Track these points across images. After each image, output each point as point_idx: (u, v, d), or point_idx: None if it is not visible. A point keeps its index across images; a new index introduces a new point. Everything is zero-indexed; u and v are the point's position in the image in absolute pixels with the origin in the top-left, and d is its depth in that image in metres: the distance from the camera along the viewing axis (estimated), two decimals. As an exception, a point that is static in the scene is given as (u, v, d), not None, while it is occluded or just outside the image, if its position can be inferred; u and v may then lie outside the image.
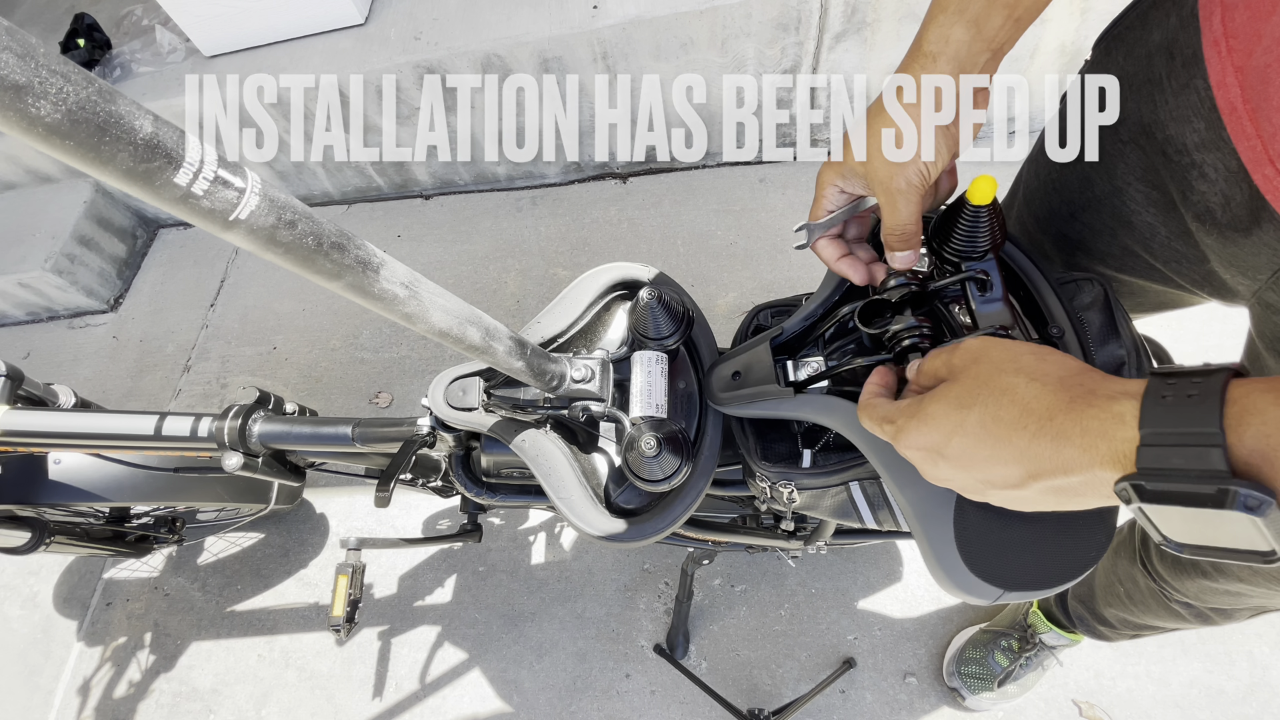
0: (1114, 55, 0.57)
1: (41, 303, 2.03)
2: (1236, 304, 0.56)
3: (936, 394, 0.39)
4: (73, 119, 0.21)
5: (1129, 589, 0.84)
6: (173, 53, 1.80)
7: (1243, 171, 0.45)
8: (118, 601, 1.54)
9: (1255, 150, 0.42)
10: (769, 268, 1.67)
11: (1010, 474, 0.35)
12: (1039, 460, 0.34)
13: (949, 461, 0.38)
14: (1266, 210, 0.45)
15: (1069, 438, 0.33)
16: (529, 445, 0.63)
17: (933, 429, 0.39)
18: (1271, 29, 0.40)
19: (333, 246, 0.32)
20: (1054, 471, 0.33)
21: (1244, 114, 0.43)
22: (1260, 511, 0.27)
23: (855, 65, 1.57)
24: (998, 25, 0.44)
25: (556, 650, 1.33)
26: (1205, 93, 0.46)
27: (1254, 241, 0.47)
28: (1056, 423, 0.33)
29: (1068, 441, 0.33)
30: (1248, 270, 0.50)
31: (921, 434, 0.39)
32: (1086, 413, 0.32)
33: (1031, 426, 0.34)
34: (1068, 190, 0.63)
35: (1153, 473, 0.29)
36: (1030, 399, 0.34)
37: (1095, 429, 0.32)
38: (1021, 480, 0.35)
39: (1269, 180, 0.42)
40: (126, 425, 0.84)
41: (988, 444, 0.36)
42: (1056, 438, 0.33)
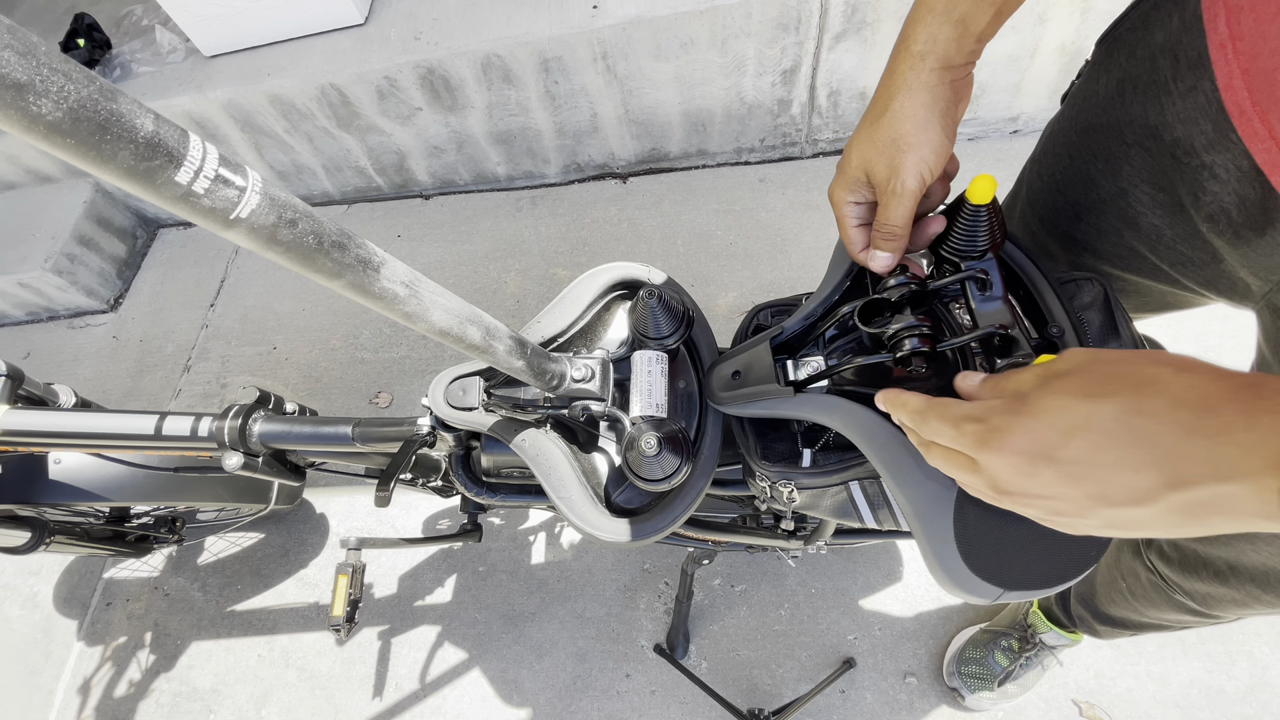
0: (1116, 56, 0.57)
1: (41, 303, 2.03)
2: (1245, 306, 0.56)
3: (1049, 387, 0.33)
4: (74, 117, 0.21)
5: (1131, 584, 0.84)
6: (173, 53, 1.80)
7: (1255, 171, 0.45)
8: (118, 601, 1.54)
9: (1270, 152, 0.42)
10: (769, 268, 1.67)
11: (1141, 483, 0.30)
12: (1188, 462, 0.28)
13: (1059, 469, 0.32)
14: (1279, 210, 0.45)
15: (1232, 434, 0.27)
16: (529, 445, 0.63)
17: (1049, 424, 0.32)
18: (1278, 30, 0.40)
19: (333, 245, 0.32)
20: (1205, 477, 0.28)
21: (1254, 115, 0.43)
22: None
23: (855, 65, 1.57)
24: (984, 22, 0.45)
25: (556, 650, 1.33)
26: (1212, 94, 0.46)
27: (1267, 242, 0.47)
28: (1220, 416, 0.28)
29: (1230, 439, 0.27)
30: (1259, 271, 0.50)
31: (1030, 433, 0.33)
32: (1257, 404, 0.27)
33: (1186, 420, 0.28)
34: (1072, 191, 0.63)
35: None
36: (1182, 389, 0.29)
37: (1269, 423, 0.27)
38: (1154, 491, 0.30)
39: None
40: (126, 425, 0.84)
41: (1121, 442, 0.30)
42: (1216, 434, 0.28)
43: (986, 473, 0.35)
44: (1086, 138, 0.60)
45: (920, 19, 0.46)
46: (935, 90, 0.47)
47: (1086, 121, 0.60)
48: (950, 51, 0.46)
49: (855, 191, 0.51)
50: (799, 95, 1.64)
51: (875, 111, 0.49)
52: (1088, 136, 0.60)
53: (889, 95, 0.48)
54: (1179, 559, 0.74)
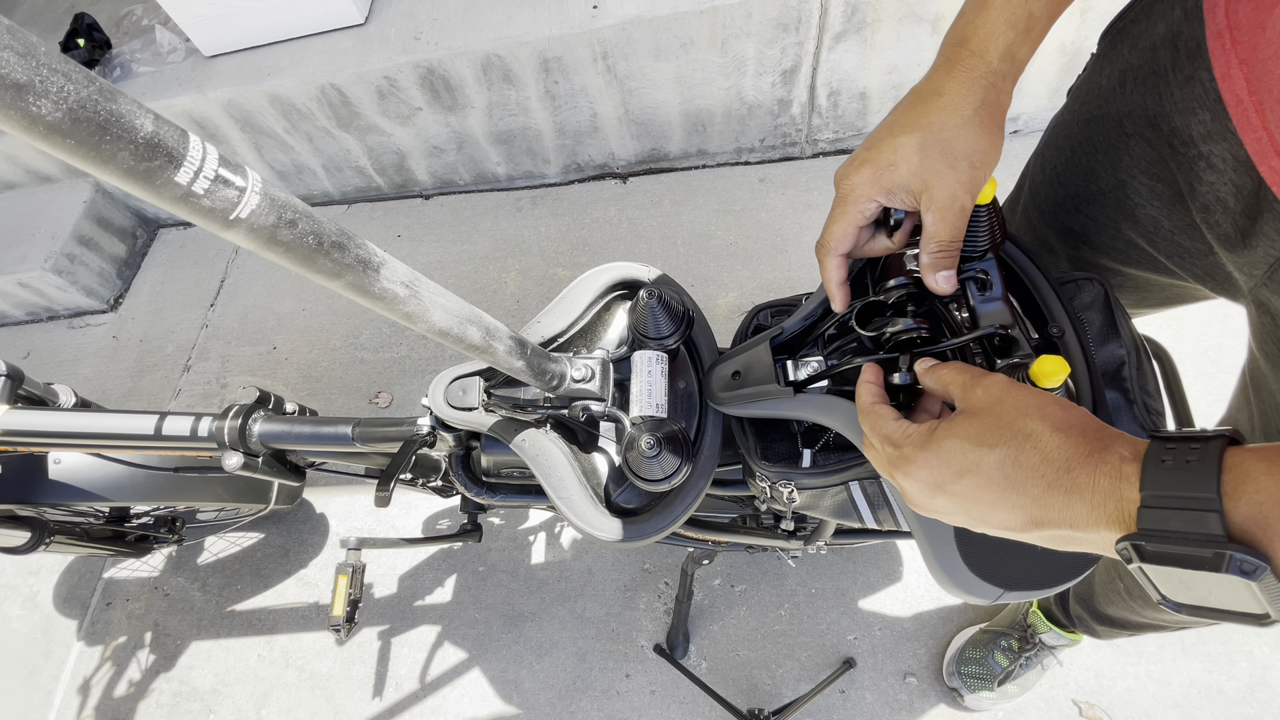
0: (1119, 48, 0.57)
1: (41, 303, 2.03)
2: (1238, 300, 0.56)
3: (952, 428, 0.38)
4: (74, 118, 0.21)
5: (1129, 584, 0.84)
6: (173, 53, 1.80)
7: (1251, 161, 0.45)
8: (118, 601, 1.54)
9: (1261, 142, 0.42)
10: (769, 268, 1.67)
11: (1013, 519, 0.36)
12: (1048, 510, 0.34)
13: (949, 498, 0.38)
14: (1267, 202, 0.45)
15: (1081, 493, 0.33)
16: (529, 445, 0.63)
17: (944, 465, 0.37)
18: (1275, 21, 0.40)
19: (333, 245, 0.32)
20: (1060, 523, 0.34)
21: (1249, 105, 0.43)
22: (1255, 576, 0.28)
23: (855, 65, 1.57)
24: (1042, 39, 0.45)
25: (556, 650, 1.33)
26: (1210, 84, 0.46)
27: (1254, 234, 0.47)
28: (1073, 475, 0.33)
29: (1079, 497, 0.33)
30: (1244, 266, 0.50)
31: (929, 468, 0.38)
32: (1099, 469, 0.33)
33: (1049, 476, 0.34)
34: (1072, 183, 0.63)
35: (1153, 534, 0.30)
36: (1053, 449, 0.34)
37: (1105, 487, 0.32)
38: (1023, 526, 0.35)
39: (1275, 172, 0.42)
40: (126, 425, 0.84)
41: (999, 488, 0.35)
42: (1070, 491, 0.33)
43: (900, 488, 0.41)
44: (1088, 129, 0.61)
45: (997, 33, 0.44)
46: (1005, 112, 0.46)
47: (1088, 113, 0.60)
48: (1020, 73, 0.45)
49: (893, 195, 0.46)
50: (799, 95, 1.64)
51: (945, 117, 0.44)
52: (1089, 128, 0.60)
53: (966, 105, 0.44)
54: None
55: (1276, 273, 0.48)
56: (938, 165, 0.44)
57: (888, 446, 0.41)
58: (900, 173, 0.45)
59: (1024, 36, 0.44)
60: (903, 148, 0.45)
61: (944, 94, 0.45)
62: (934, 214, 0.45)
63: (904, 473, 0.39)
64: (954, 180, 0.44)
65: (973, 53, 0.44)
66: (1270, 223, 0.45)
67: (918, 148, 0.44)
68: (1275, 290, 0.49)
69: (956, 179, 0.44)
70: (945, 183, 0.44)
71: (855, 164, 0.47)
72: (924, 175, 0.44)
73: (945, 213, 0.44)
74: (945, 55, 0.46)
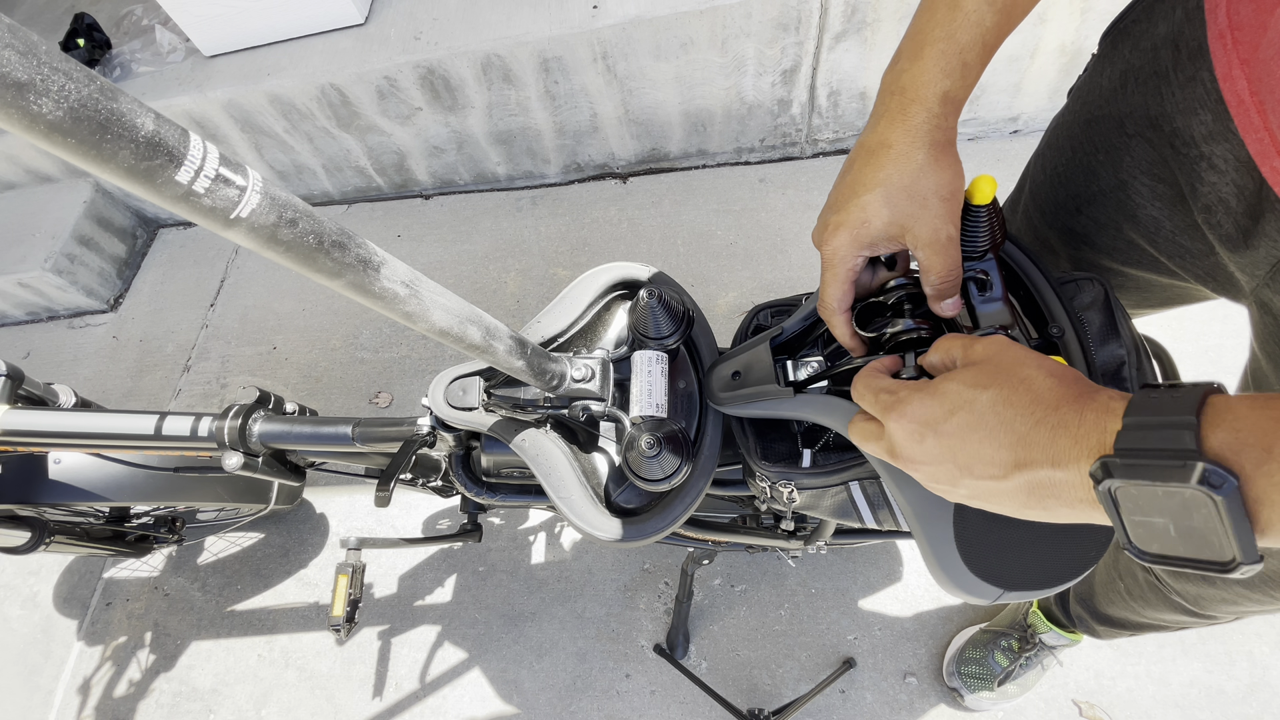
0: (1120, 49, 0.57)
1: (41, 303, 2.03)
2: (1240, 301, 0.56)
3: (951, 375, 0.39)
4: (74, 116, 0.21)
5: (1129, 584, 0.84)
6: (173, 53, 1.80)
7: (1252, 162, 0.45)
8: (118, 601, 1.54)
9: (1263, 142, 0.42)
10: (769, 268, 1.67)
11: (997, 459, 0.36)
12: (1032, 447, 0.34)
13: (938, 439, 0.38)
14: (1269, 202, 0.45)
15: (1067, 427, 0.33)
16: (529, 445, 0.63)
17: (938, 402, 0.38)
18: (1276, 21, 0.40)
19: (334, 245, 0.32)
20: (1043, 461, 0.34)
21: (1251, 106, 0.43)
22: (1222, 491, 0.27)
23: (855, 65, 1.57)
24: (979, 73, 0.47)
25: (556, 650, 1.33)
26: (1211, 85, 0.46)
27: (1256, 235, 0.47)
28: (1060, 413, 0.34)
29: (1065, 431, 0.33)
30: (1246, 267, 0.50)
31: (924, 405, 0.39)
32: (1087, 406, 0.34)
33: (1037, 413, 0.35)
34: (1073, 184, 0.63)
35: (1127, 452, 0.31)
36: (1044, 390, 0.35)
37: (1090, 420, 0.33)
38: (1006, 469, 0.35)
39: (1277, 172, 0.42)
40: (126, 425, 0.84)
41: (988, 424, 0.36)
42: (1056, 427, 0.34)
43: (888, 437, 0.41)
44: (1089, 129, 0.61)
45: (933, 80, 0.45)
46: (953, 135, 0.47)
47: (1089, 113, 0.60)
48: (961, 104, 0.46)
49: (875, 248, 0.48)
50: (799, 95, 1.64)
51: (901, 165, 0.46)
52: (1090, 128, 0.60)
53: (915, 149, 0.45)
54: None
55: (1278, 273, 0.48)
56: (909, 209, 0.46)
57: (883, 395, 0.42)
58: (875, 227, 0.47)
59: (960, 81, 0.45)
60: (870, 205, 0.46)
61: (892, 146, 0.46)
62: (923, 251, 0.46)
63: (898, 413, 0.40)
64: (930, 217, 0.45)
65: (912, 100, 0.45)
66: (1272, 223, 0.45)
67: (884, 201, 0.46)
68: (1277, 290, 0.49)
69: (932, 215, 0.45)
70: (922, 222, 0.45)
71: (831, 229, 0.48)
72: (900, 222, 0.46)
73: (933, 248, 0.46)
74: (886, 105, 0.47)
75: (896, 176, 0.46)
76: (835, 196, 0.49)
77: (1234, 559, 0.29)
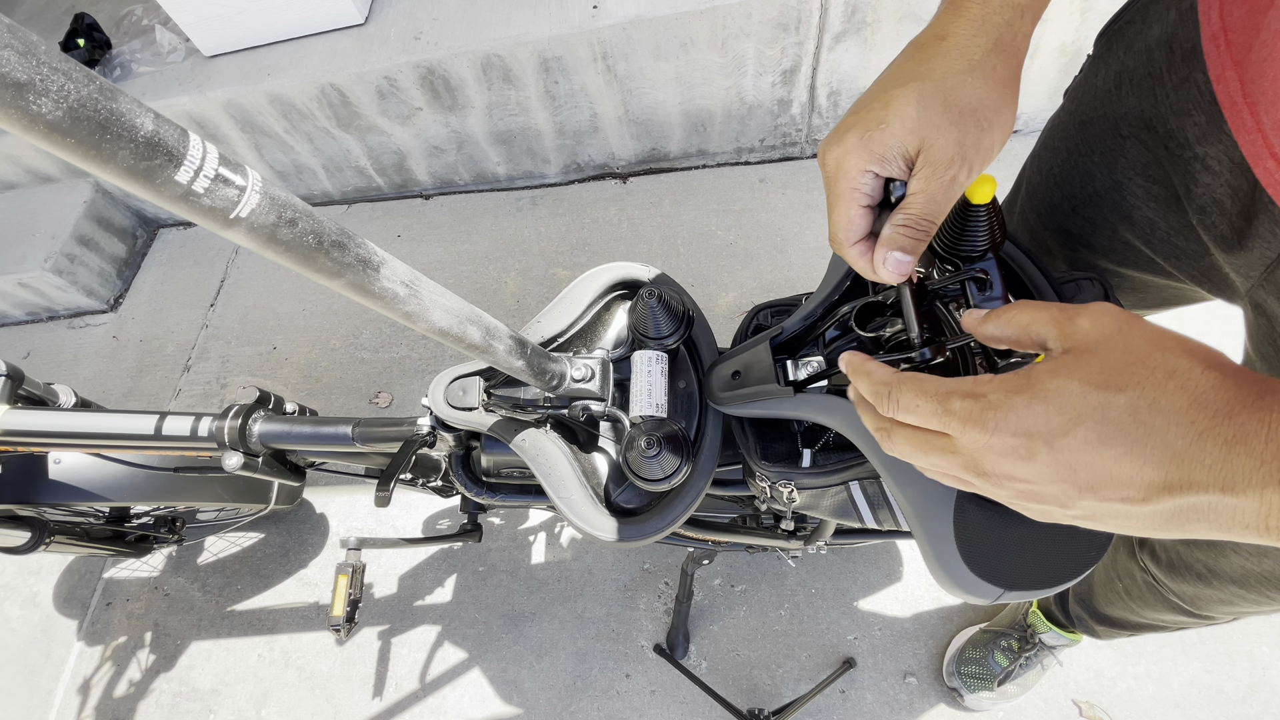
0: (1115, 50, 0.57)
1: (41, 303, 2.03)
2: (1235, 302, 0.56)
3: (1060, 368, 0.30)
4: (74, 117, 0.21)
5: (1127, 584, 0.84)
6: (173, 53, 1.80)
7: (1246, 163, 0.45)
8: (118, 601, 1.54)
9: (1256, 144, 0.42)
10: (769, 267, 1.67)
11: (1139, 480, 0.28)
12: (1195, 468, 0.26)
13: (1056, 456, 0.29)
14: (1262, 203, 0.45)
15: (1248, 443, 0.25)
16: (529, 445, 0.63)
17: (1054, 410, 0.29)
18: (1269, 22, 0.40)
19: (333, 245, 0.32)
20: (1210, 485, 0.26)
21: (1244, 107, 0.43)
22: None
23: (855, 65, 1.57)
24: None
25: (556, 650, 1.33)
26: (1205, 86, 0.46)
27: (1250, 236, 0.47)
28: (1237, 421, 0.26)
29: (1243, 448, 0.26)
30: (1241, 268, 0.50)
31: (1033, 415, 0.30)
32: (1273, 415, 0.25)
33: (1201, 423, 0.27)
34: (1069, 185, 0.63)
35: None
36: (1206, 389, 0.27)
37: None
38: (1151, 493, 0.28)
39: (1270, 174, 0.42)
40: (126, 425, 0.84)
41: (1128, 439, 0.28)
42: (1231, 442, 0.26)
43: (967, 453, 0.32)
44: (1084, 131, 0.61)
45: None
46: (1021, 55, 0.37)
47: (1084, 115, 0.61)
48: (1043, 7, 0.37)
49: (886, 163, 0.38)
50: (799, 95, 1.64)
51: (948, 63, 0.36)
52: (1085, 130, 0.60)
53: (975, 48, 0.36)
54: (1167, 560, 0.74)
55: (1273, 274, 0.48)
56: (938, 120, 0.36)
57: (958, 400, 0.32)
58: (892, 131, 0.37)
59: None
60: (896, 101, 0.36)
61: (948, 37, 0.37)
62: (920, 178, 0.37)
63: (995, 426, 0.30)
64: (954, 140, 0.36)
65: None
66: (1266, 224, 0.45)
67: (915, 100, 0.36)
68: (1271, 292, 0.49)
69: (958, 139, 0.36)
70: (944, 142, 0.36)
71: (839, 131, 0.39)
72: (921, 132, 0.36)
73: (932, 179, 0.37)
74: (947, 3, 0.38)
75: (940, 73, 0.36)
76: (863, 96, 0.39)
77: None
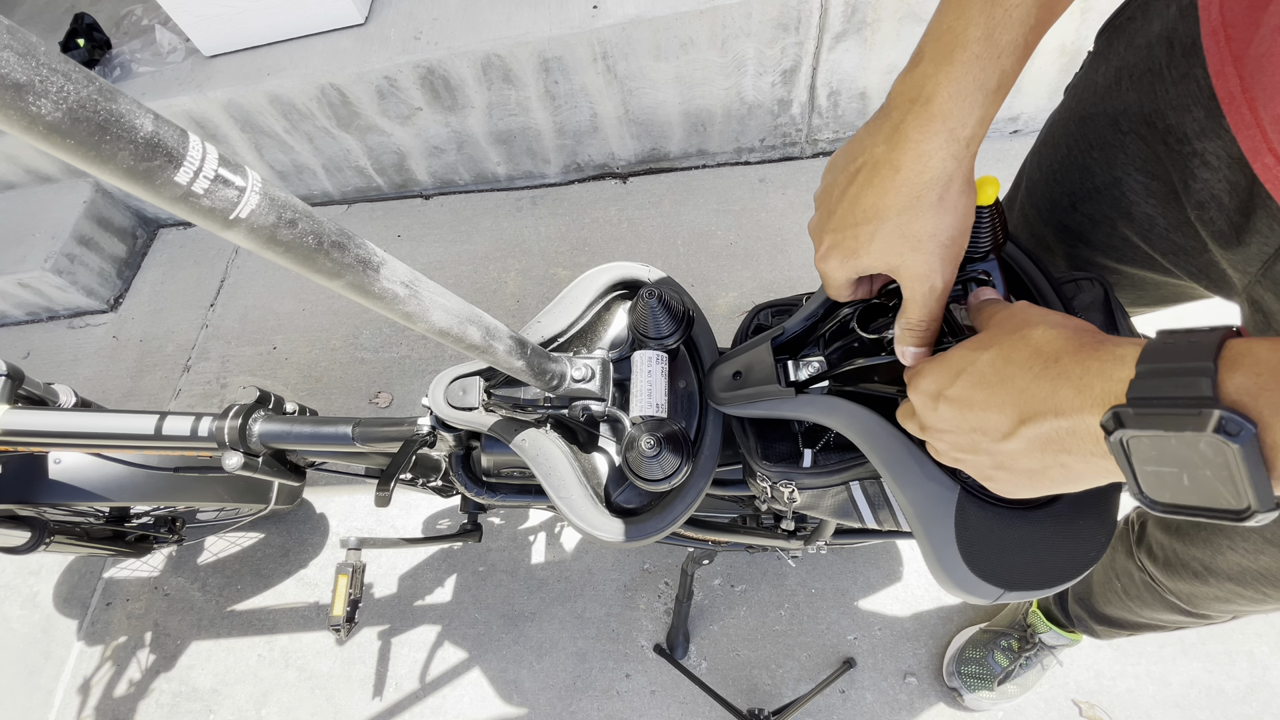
0: (1115, 46, 0.57)
1: (41, 303, 2.03)
2: (1233, 299, 0.56)
3: (963, 342, 0.40)
4: (73, 117, 0.21)
5: (1125, 584, 0.84)
6: (173, 53, 1.80)
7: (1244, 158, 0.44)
8: (118, 601, 1.54)
9: (1255, 139, 0.42)
10: (769, 267, 1.67)
11: (1003, 419, 0.35)
12: (1034, 400, 0.34)
13: (949, 404, 0.38)
14: (1260, 199, 0.45)
15: (1068, 377, 0.32)
16: (529, 445, 0.63)
17: (943, 370, 0.39)
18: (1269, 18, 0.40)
19: (333, 245, 0.32)
20: (1045, 413, 0.33)
21: (1243, 102, 0.43)
22: (1239, 439, 0.26)
23: (855, 65, 1.57)
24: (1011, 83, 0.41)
25: (556, 650, 1.33)
26: (1204, 81, 0.46)
27: (1248, 231, 0.47)
28: (1061, 364, 0.33)
29: (1066, 381, 0.32)
30: (1238, 264, 0.50)
31: (932, 376, 0.40)
32: (1091, 355, 0.32)
33: (1036, 367, 0.34)
34: (1068, 181, 0.63)
35: (1140, 401, 0.29)
36: (1042, 343, 0.35)
37: (1095, 369, 0.32)
38: (1012, 426, 0.35)
39: (1268, 169, 0.42)
40: (127, 425, 0.84)
41: (990, 383, 0.36)
42: (1057, 378, 0.33)
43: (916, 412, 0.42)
44: (1084, 126, 0.61)
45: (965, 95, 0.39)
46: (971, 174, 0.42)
47: (1084, 110, 0.61)
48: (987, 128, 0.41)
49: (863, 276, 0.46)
50: (799, 95, 1.64)
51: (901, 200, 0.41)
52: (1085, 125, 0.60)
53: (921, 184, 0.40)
54: (1164, 559, 0.74)
55: (1270, 270, 0.48)
56: (901, 250, 0.42)
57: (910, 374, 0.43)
58: (865, 260, 0.44)
59: (995, 96, 0.39)
60: (862, 237, 0.43)
61: (900, 170, 0.40)
62: (907, 293, 0.43)
63: (914, 386, 0.41)
64: (919, 262, 0.42)
65: (934, 116, 0.39)
66: (1264, 220, 0.45)
67: (876, 237, 0.42)
68: (1268, 288, 0.49)
69: (922, 260, 0.41)
70: (912, 266, 0.42)
71: (825, 249, 0.46)
72: (889, 261, 0.43)
73: (916, 294, 0.43)
74: (902, 111, 0.40)
75: (895, 210, 0.41)
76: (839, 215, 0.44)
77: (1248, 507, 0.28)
